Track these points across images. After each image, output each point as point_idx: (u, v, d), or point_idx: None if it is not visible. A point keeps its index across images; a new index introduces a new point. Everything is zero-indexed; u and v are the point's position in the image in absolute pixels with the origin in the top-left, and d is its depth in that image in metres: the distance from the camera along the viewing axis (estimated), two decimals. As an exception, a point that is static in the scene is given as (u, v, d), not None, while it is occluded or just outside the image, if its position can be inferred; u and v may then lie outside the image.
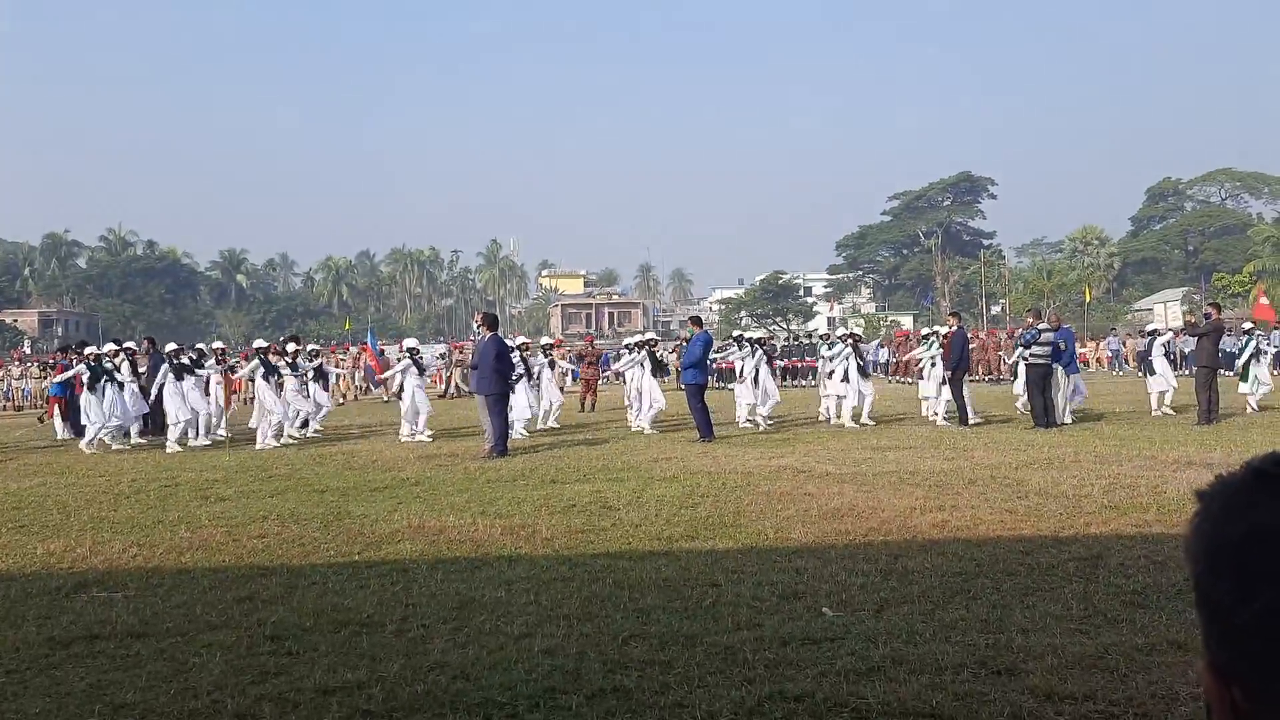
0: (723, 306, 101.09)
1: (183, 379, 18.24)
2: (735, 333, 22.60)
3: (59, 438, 20.74)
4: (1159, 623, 5.52)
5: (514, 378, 16.59)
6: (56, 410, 21.64)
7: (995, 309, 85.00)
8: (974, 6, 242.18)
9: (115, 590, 7.00)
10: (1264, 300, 29.87)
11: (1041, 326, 18.18)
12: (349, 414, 27.03)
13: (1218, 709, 0.82)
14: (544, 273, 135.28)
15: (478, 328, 17.42)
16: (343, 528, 9.18)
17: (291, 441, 18.37)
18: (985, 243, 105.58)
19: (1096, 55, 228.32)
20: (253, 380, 19.66)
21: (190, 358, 19.08)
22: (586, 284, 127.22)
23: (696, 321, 18.73)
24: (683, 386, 18.95)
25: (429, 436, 18.14)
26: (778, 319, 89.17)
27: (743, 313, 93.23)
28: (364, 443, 17.98)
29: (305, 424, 20.32)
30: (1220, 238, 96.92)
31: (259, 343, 20.58)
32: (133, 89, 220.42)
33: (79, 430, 20.98)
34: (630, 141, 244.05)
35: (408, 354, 19.25)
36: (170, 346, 19.27)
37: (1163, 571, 6.62)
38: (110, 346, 19.04)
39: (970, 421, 18.25)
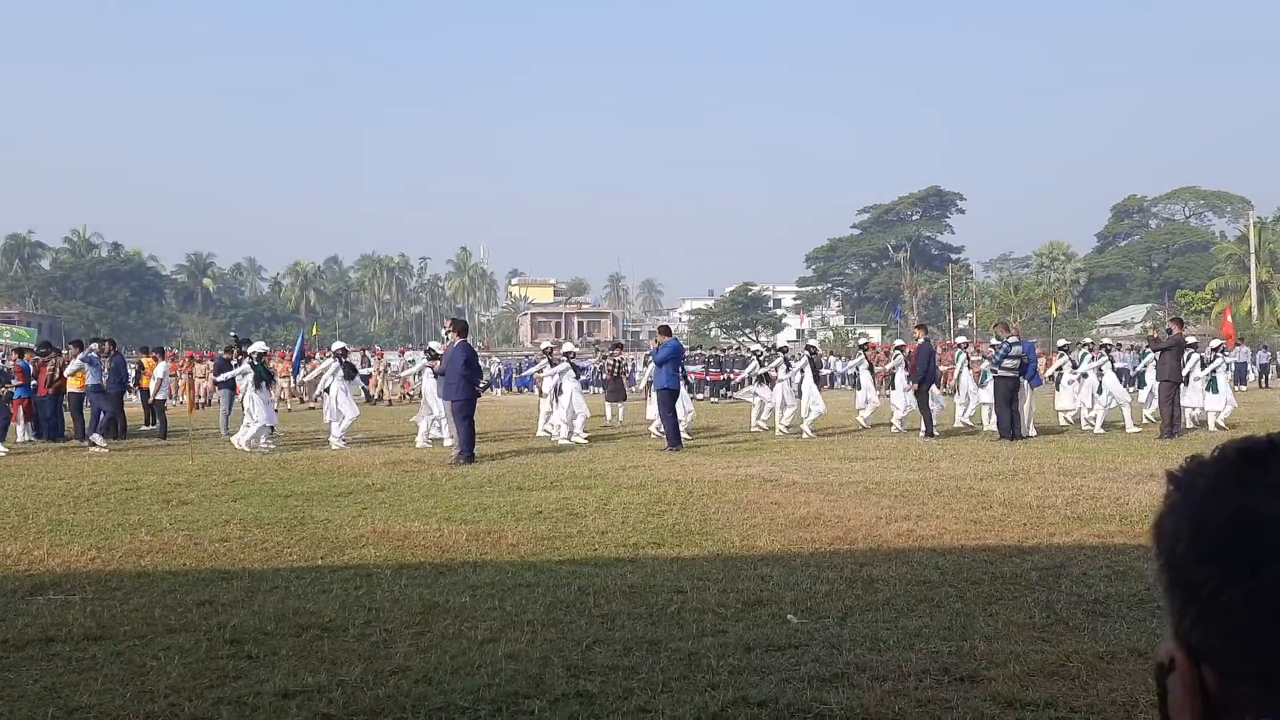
0: (692, 317, 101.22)
1: (351, 378, 18.49)
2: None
3: (20, 440, 20.43)
4: (1120, 631, 5.57)
5: (481, 385, 16.51)
6: (20, 412, 21.32)
7: (962, 323, 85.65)
8: (944, 21, 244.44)
9: (72, 593, 6.90)
10: (1228, 319, 30.39)
11: (1011, 340, 18.33)
12: (316, 419, 26.79)
13: (1185, 690, 0.81)
14: (513, 281, 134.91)
15: (447, 334, 17.35)
16: (306, 532, 9.11)
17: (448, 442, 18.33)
18: (953, 257, 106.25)
19: (1064, 73, 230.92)
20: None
21: (352, 362, 19.17)
22: (556, 293, 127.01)
23: (665, 331, 18.73)
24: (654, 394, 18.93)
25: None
26: (747, 330, 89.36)
27: (712, 324, 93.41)
28: (329, 448, 17.83)
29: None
30: (1184, 255, 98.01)
31: (432, 345, 20.59)
32: (99, 89, 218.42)
33: (39, 433, 20.71)
34: (601, 151, 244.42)
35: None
36: (338, 345, 19.45)
37: (1124, 581, 6.68)
38: (262, 345, 19.25)
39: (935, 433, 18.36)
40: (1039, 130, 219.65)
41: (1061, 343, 23.04)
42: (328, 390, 18.55)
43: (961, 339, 24.97)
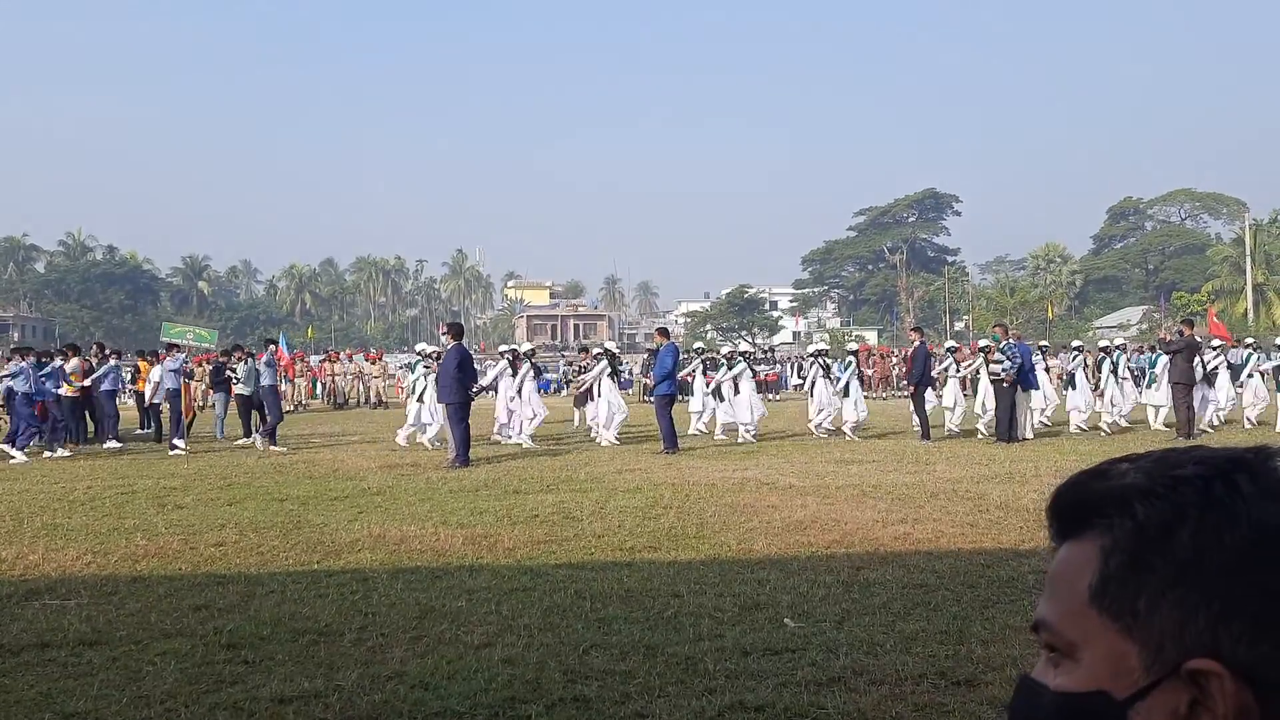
0: (689, 319, 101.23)
1: (539, 378, 19.41)
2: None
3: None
4: (1117, 635, 5.55)
5: (474, 389, 16.46)
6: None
7: (959, 325, 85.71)
8: (940, 26, 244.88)
9: (68, 598, 6.88)
10: (1214, 319, 30.43)
11: (1009, 342, 18.34)
12: (311, 422, 26.78)
13: (1234, 708, 0.75)
14: (510, 283, 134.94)
15: (443, 337, 17.39)
16: (302, 536, 9.09)
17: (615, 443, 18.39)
18: (949, 259, 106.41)
19: (1060, 76, 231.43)
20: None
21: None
22: (552, 295, 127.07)
23: (664, 333, 18.72)
24: (651, 399, 18.98)
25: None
26: (743, 332, 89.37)
27: (708, 326, 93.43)
28: (325, 451, 17.83)
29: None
30: (1180, 257, 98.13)
31: (608, 344, 20.82)
32: (94, 91, 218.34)
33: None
34: (597, 153, 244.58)
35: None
36: (526, 347, 20.00)
37: (1121, 584, 6.67)
38: (426, 346, 20.04)
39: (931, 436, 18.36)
40: (1035, 133, 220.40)
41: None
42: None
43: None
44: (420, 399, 18.48)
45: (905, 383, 19.52)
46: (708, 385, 21.46)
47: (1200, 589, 0.77)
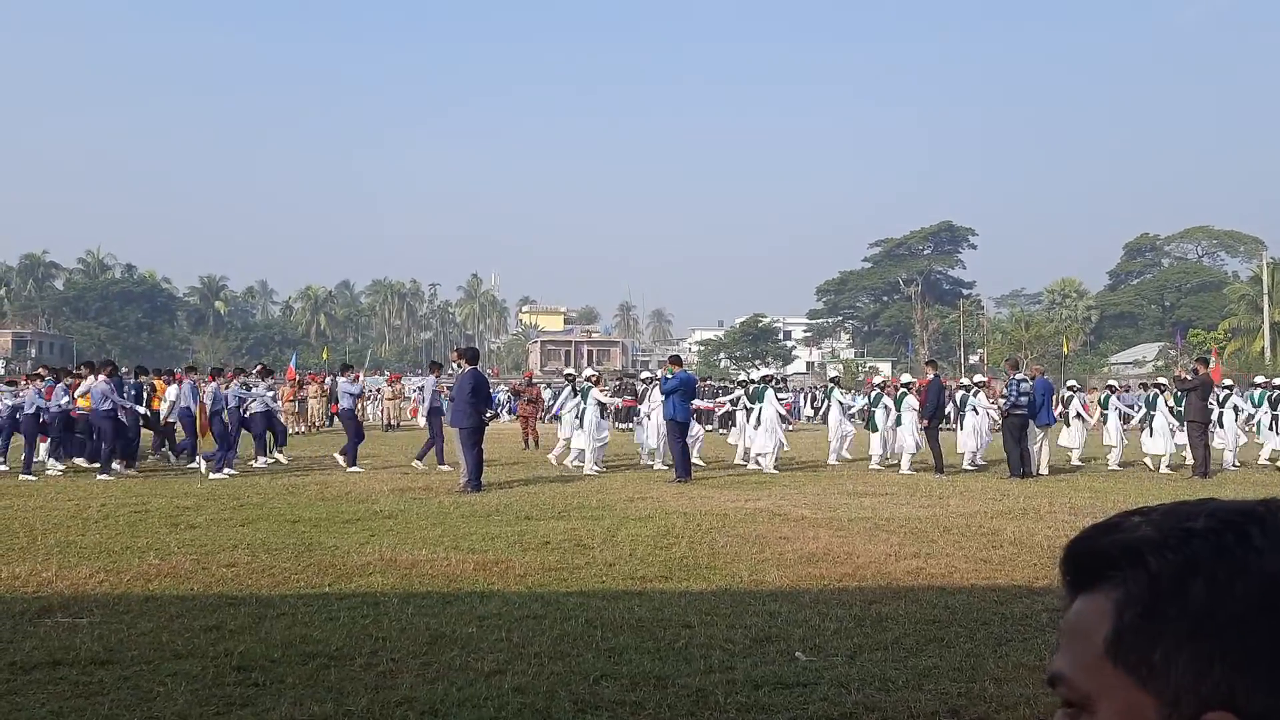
0: (702, 348, 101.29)
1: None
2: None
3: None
4: (1131, 676, 5.51)
5: (488, 414, 16.47)
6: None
7: (973, 358, 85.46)
8: (959, 59, 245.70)
9: (80, 616, 6.89)
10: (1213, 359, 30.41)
11: (1019, 377, 18.31)
12: (324, 443, 26.80)
13: None
14: (524, 308, 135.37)
15: (455, 363, 17.44)
16: (313, 559, 9.09)
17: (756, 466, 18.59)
18: (964, 292, 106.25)
19: (1077, 111, 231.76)
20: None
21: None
22: (566, 321, 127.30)
23: (676, 360, 18.72)
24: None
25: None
26: (756, 361, 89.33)
27: (722, 354, 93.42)
28: (337, 473, 17.84)
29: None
30: (1196, 294, 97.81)
31: (762, 370, 21.21)
32: (116, 111, 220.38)
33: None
34: (614, 180, 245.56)
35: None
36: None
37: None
38: (588, 371, 21.05)
39: (945, 470, 18.29)
40: (1052, 167, 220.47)
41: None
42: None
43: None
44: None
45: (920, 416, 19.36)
46: (858, 415, 21.60)
47: (1215, 641, 0.78)
